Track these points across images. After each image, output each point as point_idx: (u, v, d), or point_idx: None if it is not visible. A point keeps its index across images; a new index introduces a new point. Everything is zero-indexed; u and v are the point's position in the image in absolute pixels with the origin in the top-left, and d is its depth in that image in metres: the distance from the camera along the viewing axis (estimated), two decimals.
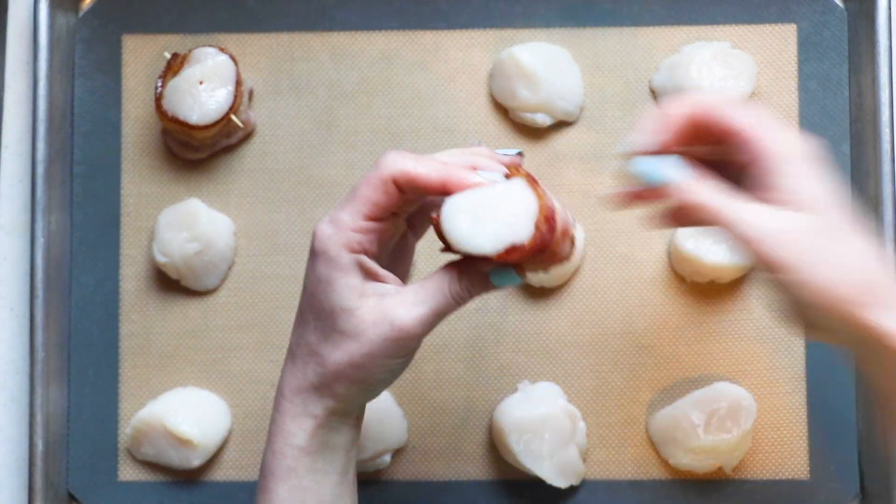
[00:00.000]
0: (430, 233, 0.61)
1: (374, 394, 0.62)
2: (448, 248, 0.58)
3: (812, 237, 0.56)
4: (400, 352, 0.59)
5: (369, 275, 0.58)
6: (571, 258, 0.61)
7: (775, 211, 0.57)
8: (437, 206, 0.58)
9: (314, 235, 0.59)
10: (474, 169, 0.58)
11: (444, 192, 0.57)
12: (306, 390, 0.60)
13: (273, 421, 0.61)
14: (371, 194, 0.58)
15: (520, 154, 0.61)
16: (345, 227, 0.58)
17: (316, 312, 0.59)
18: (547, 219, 0.56)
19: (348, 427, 0.62)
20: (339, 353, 0.58)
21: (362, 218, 0.58)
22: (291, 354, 0.61)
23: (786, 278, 0.56)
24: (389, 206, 0.58)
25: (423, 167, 0.57)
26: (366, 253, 0.58)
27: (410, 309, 0.57)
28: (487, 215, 0.56)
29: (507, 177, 0.58)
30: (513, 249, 0.55)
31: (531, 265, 0.59)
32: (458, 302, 0.59)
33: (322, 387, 0.59)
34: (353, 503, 0.64)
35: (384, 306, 0.57)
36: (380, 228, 0.59)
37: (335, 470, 0.62)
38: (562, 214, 0.58)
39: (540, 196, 0.56)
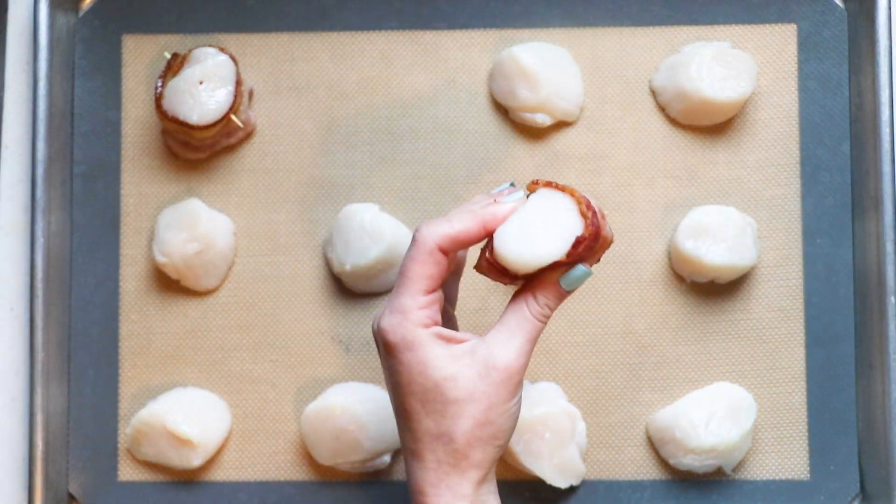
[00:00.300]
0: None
1: (503, 447, 0.61)
2: (513, 277, 0.60)
3: None
4: (513, 391, 0.59)
5: (449, 341, 0.59)
6: (614, 237, 0.63)
7: None
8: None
9: (382, 332, 0.60)
10: (496, 201, 0.60)
11: (486, 234, 0.59)
12: (447, 475, 0.59)
13: None
14: (422, 270, 0.59)
15: (511, 185, 0.63)
16: (410, 309, 0.59)
17: (421, 399, 0.59)
18: (588, 206, 0.59)
19: (494, 495, 0.61)
20: (463, 421, 0.58)
21: (423, 294, 0.59)
22: (414, 455, 0.60)
23: None
24: (441, 274, 0.60)
25: (458, 223, 0.59)
26: (436, 324, 0.60)
27: (506, 347, 0.59)
28: (537, 230, 0.58)
29: (528, 194, 0.61)
30: (578, 243, 0.58)
31: (590, 257, 0.61)
32: (542, 320, 0.60)
33: (460, 462, 0.59)
34: None
35: (480, 358, 0.59)
36: (439, 298, 0.60)
37: None
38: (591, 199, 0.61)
39: (570, 192, 0.59)
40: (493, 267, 0.60)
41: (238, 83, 0.79)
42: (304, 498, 0.81)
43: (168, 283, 0.82)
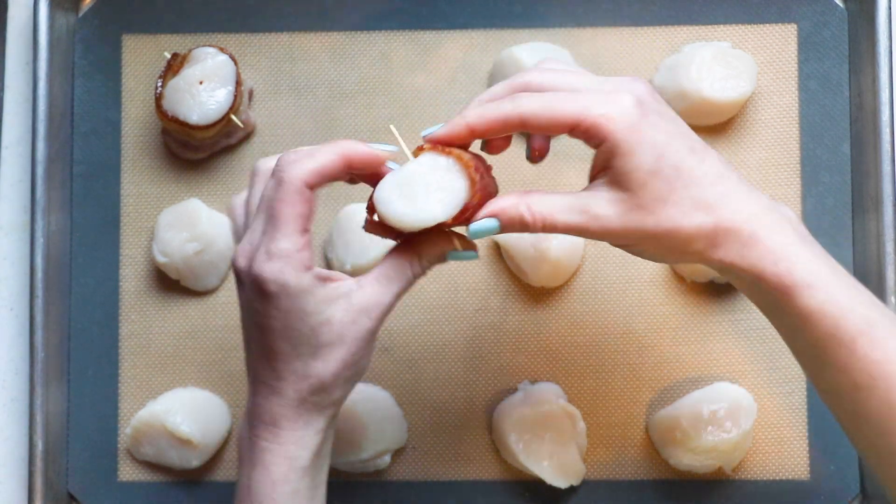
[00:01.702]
0: None
1: (357, 383, 0.63)
2: (398, 235, 0.59)
3: (651, 208, 0.57)
4: (375, 335, 0.60)
5: (325, 281, 0.59)
6: (498, 188, 0.62)
7: (607, 200, 0.58)
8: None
9: (262, 280, 0.57)
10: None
11: (350, 167, 0.59)
12: (307, 412, 0.60)
13: (264, 451, 0.60)
14: (294, 210, 0.58)
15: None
16: (289, 253, 0.57)
17: (294, 342, 0.59)
18: (476, 168, 0.57)
19: (334, 430, 0.63)
20: (332, 363, 0.59)
21: (299, 235, 0.58)
22: (273, 391, 0.60)
23: (640, 248, 0.59)
24: (312, 211, 0.59)
25: (322, 156, 0.58)
26: (313, 264, 0.59)
27: (380, 298, 0.59)
28: (420, 191, 0.57)
29: (415, 154, 0.59)
30: (465, 208, 0.57)
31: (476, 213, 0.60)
32: (417, 279, 0.61)
33: (323, 401, 0.60)
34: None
35: (355, 304, 0.59)
36: (311, 235, 0.59)
37: (325, 480, 0.63)
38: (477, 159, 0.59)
39: (457, 156, 0.58)
40: (378, 225, 0.59)
41: (238, 83, 0.79)
42: None
43: (168, 283, 0.82)
